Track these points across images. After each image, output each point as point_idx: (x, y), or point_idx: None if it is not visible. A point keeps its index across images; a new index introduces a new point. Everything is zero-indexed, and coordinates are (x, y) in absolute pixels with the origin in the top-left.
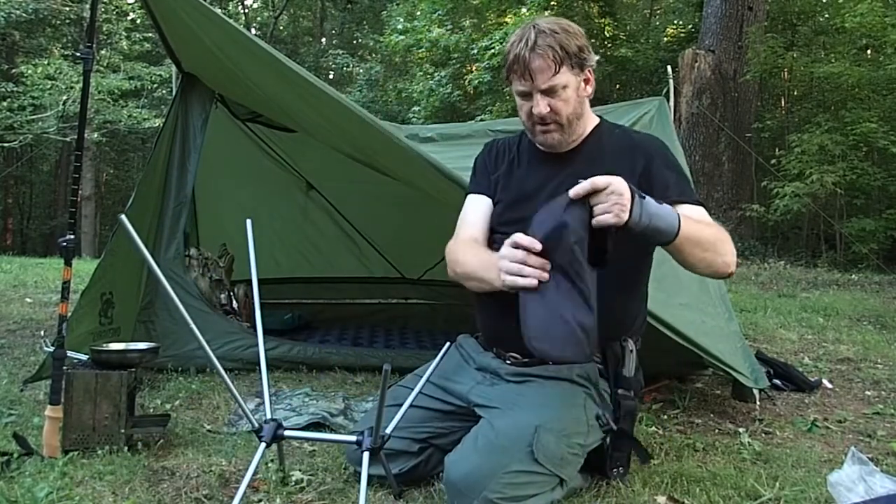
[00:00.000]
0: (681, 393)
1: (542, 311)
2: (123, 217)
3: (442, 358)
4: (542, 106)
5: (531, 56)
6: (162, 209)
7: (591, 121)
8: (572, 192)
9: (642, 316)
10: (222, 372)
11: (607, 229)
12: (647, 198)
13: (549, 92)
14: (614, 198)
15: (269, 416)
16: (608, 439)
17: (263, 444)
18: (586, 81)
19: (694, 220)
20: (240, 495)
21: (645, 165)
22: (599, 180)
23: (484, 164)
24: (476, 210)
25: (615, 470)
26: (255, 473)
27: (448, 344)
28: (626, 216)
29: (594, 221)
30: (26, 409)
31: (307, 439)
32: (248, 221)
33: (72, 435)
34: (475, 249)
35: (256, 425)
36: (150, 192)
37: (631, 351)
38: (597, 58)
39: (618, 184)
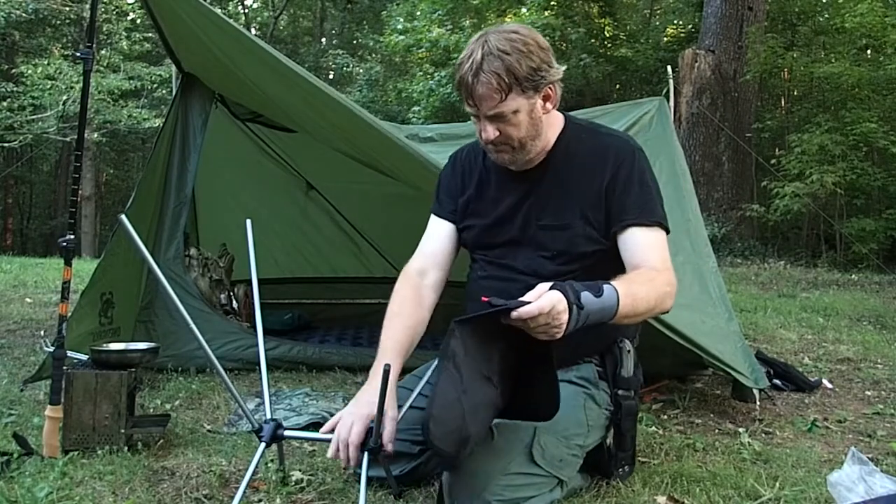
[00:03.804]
0: (681, 393)
1: (452, 392)
2: (123, 217)
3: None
4: (489, 132)
5: (474, 82)
6: (162, 209)
7: (554, 129)
8: (515, 313)
9: None
10: (222, 372)
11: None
12: (586, 298)
13: (497, 118)
14: (553, 322)
15: (268, 416)
16: (609, 440)
17: (263, 444)
18: (546, 98)
19: (634, 288)
20: (240, 495)
21: (610, 179)
22: (546, 306)
23: (448, 185)
24: (436, 236)
25: (621, 469)
26: (254, 473)
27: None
28: (560, 334)
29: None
30: (26, 409)
31: (307, 439)
32: (248, 222)
33: (72, 435)
34: (395, 320)
35: (256, 425)
36: (150, 192)
37: (628, 351)
38: (563, 69)
39: (558, 306)
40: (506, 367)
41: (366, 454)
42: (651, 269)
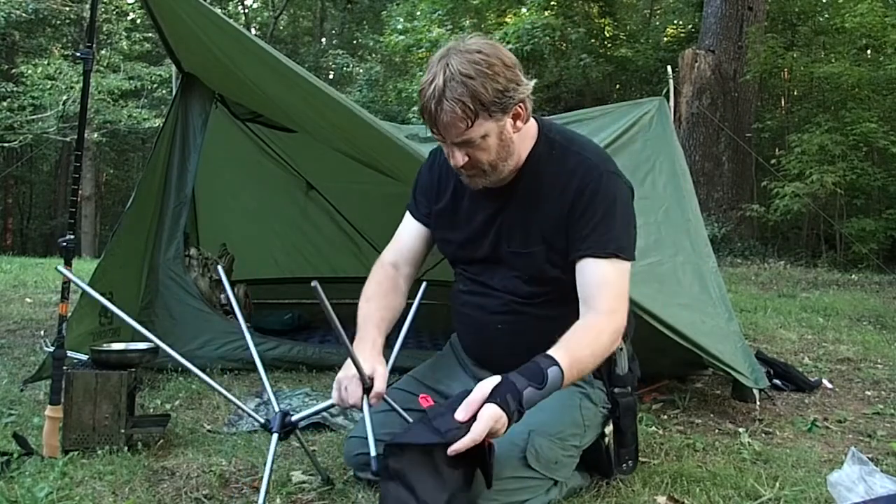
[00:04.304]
0: (681, 393)
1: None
2: (62, 268)
3: (421, 299)
4: (458, 158)
5: (437, 110)
6: (162, 209)
7: (527, 143)
8: (451, 450)
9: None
10: (198, 372)
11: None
12: (529, 395)
13: (465, 144)
14: (491, 436)
15: (276, 408)
16: (607, 439)
17: (276, 436)
18: (516, 117)
19: (579, 355)
20: (263, 493)
21: (572, 205)
22: (482, 432)
23: (425, 185)
24: (409, 235)
25: (624, 464)
26: (255, 473)
27: (424, 284)
28: (500, 436)
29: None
30: (26, 409)
31: (315, 413)
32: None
33: (72, 435)
34: (372, 301)
35: (262, 420)
36: (150, 192)
37: (621, 349)
38: (531, 83)
39: (495, 425)
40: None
41: (365, 401)
42: (600, 320)
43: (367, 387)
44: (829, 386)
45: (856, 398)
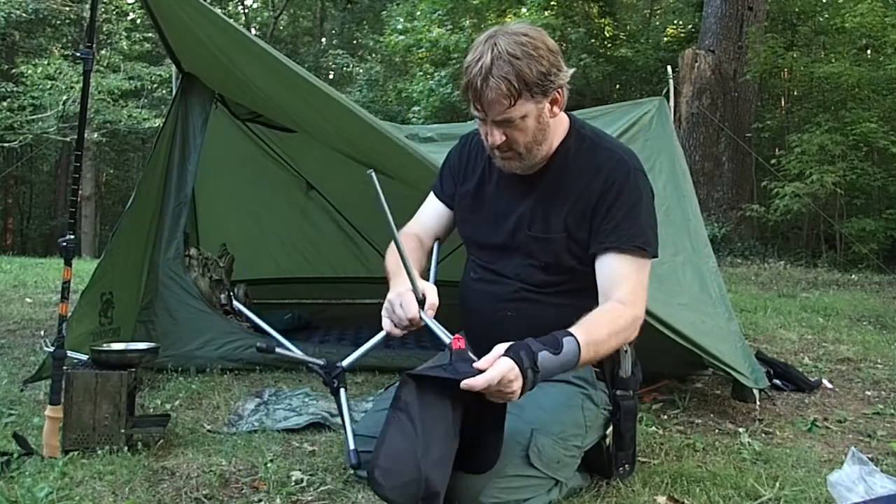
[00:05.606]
0: (681, 393)
1: (401, 443)
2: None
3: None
4: (495, 137)
5: (483, 86)
6: (162, 209)
7: (559, 133)
8: (464, 384)
9: None
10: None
11: None
12: (544, 358)
13: (504, 123)
14: (505, 390)
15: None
16: (608, 440)
17: (343, 391)
18: (553, 102)
19: (596, 335)
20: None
21: (598, 200)
22: (495, 377)
23: (452, 167)
24: (432, 214)
25: (621, 468)
26: (255, 473)
27: (437, 242)
28: (516, 398)
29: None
30: (26, 409)
31: (366, 353)
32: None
33: (72, 435)
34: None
35: (322, 361)
36: (150, 192)
37: (626, 351)
38: (571, 72)
39: (509, 375)
40: (463, 416)
41: (423, 313)
42: (617, 306)
43: (420, 300)
44: (829, 386)
45: (856, 398)
